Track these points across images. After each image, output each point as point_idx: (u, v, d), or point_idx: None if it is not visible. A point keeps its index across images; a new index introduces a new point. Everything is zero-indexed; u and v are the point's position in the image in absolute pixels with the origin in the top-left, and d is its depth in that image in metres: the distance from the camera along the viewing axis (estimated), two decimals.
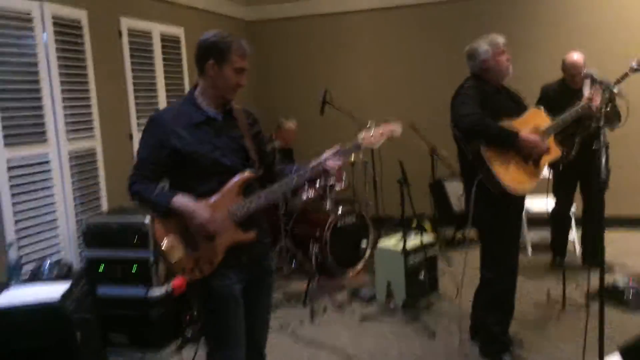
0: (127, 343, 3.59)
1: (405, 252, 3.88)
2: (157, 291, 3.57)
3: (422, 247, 4.03)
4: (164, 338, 3.63)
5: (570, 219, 4.78)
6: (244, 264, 2.26)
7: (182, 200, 2.13)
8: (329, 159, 2.27)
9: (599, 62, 4.45)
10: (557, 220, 4.71)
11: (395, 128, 2.39)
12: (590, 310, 3.77)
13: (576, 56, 4.35)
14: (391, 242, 4.15)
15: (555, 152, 3.22)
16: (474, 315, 3.45)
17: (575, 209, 4.79)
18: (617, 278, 4.11)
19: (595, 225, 4.65)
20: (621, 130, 3.86)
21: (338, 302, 4.21)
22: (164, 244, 2.16)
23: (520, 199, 3.27)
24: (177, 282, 3.71)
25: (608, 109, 2.66)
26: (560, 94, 4.27)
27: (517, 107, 3.18)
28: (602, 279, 2.56)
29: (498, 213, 3.09)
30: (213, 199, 2.19)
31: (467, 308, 3.51)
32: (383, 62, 6.42)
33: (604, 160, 2.40)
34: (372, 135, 2.34)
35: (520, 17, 5.81)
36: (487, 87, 3.13)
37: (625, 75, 3.35)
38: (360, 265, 4.86)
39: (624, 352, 2.84)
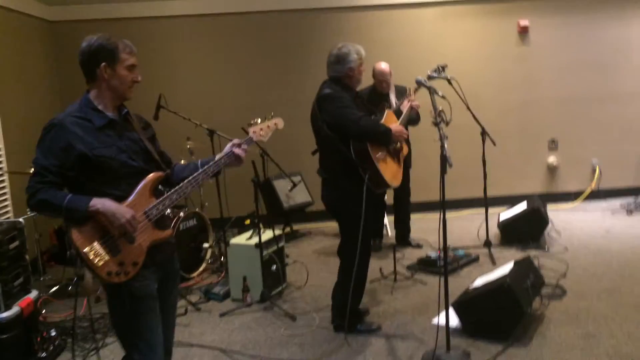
0: None
1: (261, 246, 4.12)
2: (6, 314, 3.25)
3: (275, 240, 4.31)
4: None
5: (385, 205, 5.52)
6: (158, 263, 2.31)
7: (101, 202, 2.10)
8: (238, 151, 2.42)
9: (399, 70, 5.29)
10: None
11: (278, 122, 2.67)
12: (415, 277, 4.53)
13: (383, 65, 5.09)
14: (242, 239, 4.35)
15: (406, 148, 3.79)
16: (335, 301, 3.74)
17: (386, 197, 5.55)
18: (429, 252, 4.93)
19: (405, 211, 5.49)
20: (423, 128, 4.66)
21: (194, 304, 4.26)
22: (89, 251, 2.10)
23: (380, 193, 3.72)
24: (25, 302, 3.42)
25: (436, 110, 3.24)
26: (371, 98, 4.95)
27: (367, 110, 3.63)
28: (445, 257, 3.11)
29: (365, 205, 3.36)
30: (128, 201, 2.20)
31: (315, 292, 3.90)
32: (209, 66, 6.57)
33: (446, 149, 2.95)
34: (261, 129, 2.59)
35: (332, 29, 6.50)
36: (350, 92, 3.51)
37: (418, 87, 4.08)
38: (202, 267, 4.95)
39: (456, 306, 3.51)
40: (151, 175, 2.30)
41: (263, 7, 6.49)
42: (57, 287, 4.64)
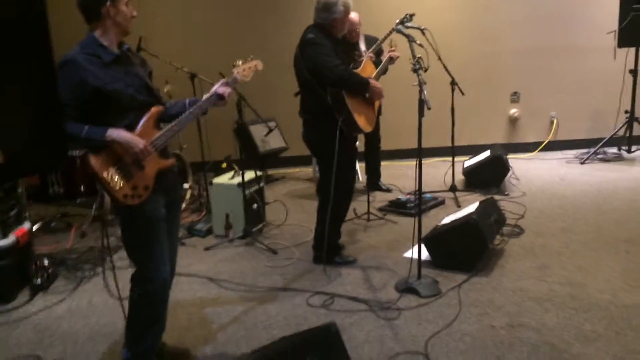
0: None
1: (244, 185, 4.33)
2: (4, 242, 3.39)
3: (256, 180, 4.52)
4: (14, 288, 3.49)
5: (357, 151, 5.75)
6: (165, 188, 2.51)
7: (117, 132, 2.28)
8: (220, 88, 2.61)
9: (369, 20, 5.45)
10: None
11: (258, 64, 2.86)
12: (387, 217, 4.83)
13: (353, 15, 5.19)
14: (225, 179, 4.55)
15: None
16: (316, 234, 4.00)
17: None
18: (399, 195, 5.24)
19: (375, 157, 5.77)
20: (394, 77, 4.88)
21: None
22: (107, 176, 2.28)
23: (356, 136, 3.95)
24: (20, 232, 3.56)
25: (415, 57, 3.45)
26: (342, 47, 5.10)
27: (348, 59, 3.81)
28: (420, 190, 3.38)
29: (343, 148, 3.61)
30: (136, 131, 2.38)
31: (293, 230, 4.16)
32: (189, 10, 6.57)
33: (424, 94, 3.17)
34: (244, 70, 2.78)
35: None
36: (332, 39, 3.67)
37: (390, 32, 4.27)
38: (182, 207, 5.12)
39: (426, 241, 3.82)
40: (154, 108, 2.47)
41: None
42: (42, 222, 4.75)
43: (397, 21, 3.87)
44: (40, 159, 1.37)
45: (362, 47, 5.26)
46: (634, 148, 6.83)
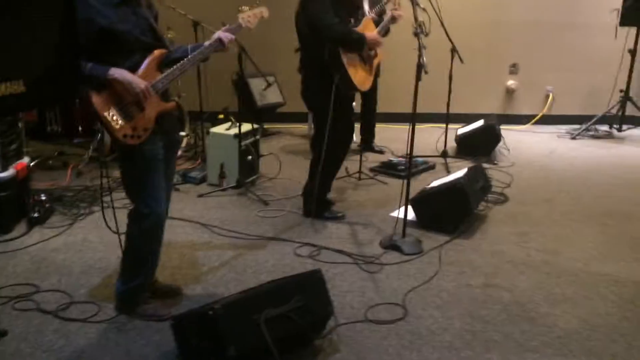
0: None
1: (240, 136, 4.42)
2: (4, 174, 3.49)
3: (252, 132, 4.61)
4: (12, 220, 3.61)
5: (353, 111, 5.82)
6: (164, 130, 2.60)
7: (119, 72, 2.35)
8: (222, 34, 2.68)
9: None
10: None
11: (264, 11, 2.91)
12: (377, 178, 4.94)
13: None
14: (221, 129, 4.63)
15: (380, 55, 4.06)
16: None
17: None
18: (391, 157, 5.36)
19: (370, 118, 5.85)
20: (395, 40, 4.91)
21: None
22: (108, 116, 2.36)
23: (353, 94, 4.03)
24: (19, 166, 3.66)
25: (417, 21, 3.50)
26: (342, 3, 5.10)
27: (350, 13, 3.84)
28: (410, 162, 3.48)
29: (340, 104, 3.71)
30: (139, 73, 2.45)
31: (285, 183, 4.27)
32: None
33: (423, 58, 3.24)
34: (249, 16, 2.82)
35: None
36: None
37: None
38: (179, 152, 5.22)
39: (413, 202, 3.95)
40: (157, 51, 2.53)
41: None
42: (39, 159, 4.83)
43: None
44: (59, 88, 1.45)
45: (366, 6, 5.25)
46: (625, 127, 6.94)
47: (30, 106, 2.54)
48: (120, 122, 2.40)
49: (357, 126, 5.92)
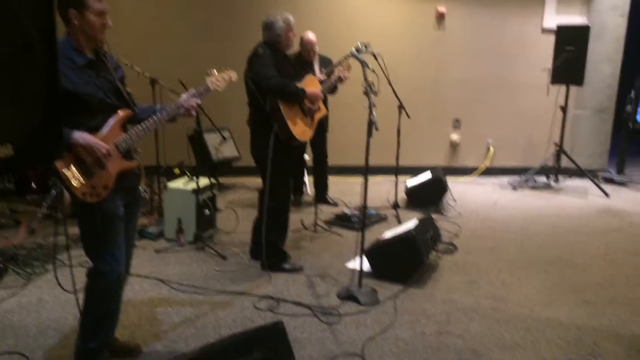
0: None
1: (198, 191, 4.49)
2: None
3: (210, 187, 4.69)
4: None
5: (305, 164, 6.03)
6: (125, 189, 2.67)
7: (81, 136, 2.43)
8: (189, 99, 2.80)
9: (326, 42, 5.74)
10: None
11: (233, 74, 3.07)
12: (332, 230, 5.09)
13: (311, 35, 5.53)
14: (179, 184, 4.69)
15: (323, 110, 4.29)
16: (254, 239, 4.28)
17: (308, 157, 6.06)
18: (344, 209, 5.53)
19: (322, 171, 6.04)
20: (345, 97, 5.19)
21: None
22: (67, 173, 2.41)
23: (300, 145, 4.24)
24: None
25: (367, 81, 3.75)
26: (297, 64, 5.39)
27: (296, 73, 4.12)
28: (365, 203, 3.66)
29: (283, 155, 3.96)
30: (103, 133, 2.53)
31: (242, 238, 4.35)
32: (151, 17, 6.65)
33: (374, 115, 3.47)
34: (217, 79, 2.97)
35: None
36: (277, 54, 3.98)
37: (347, 57, 4.62)
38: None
39: (367, 253, 4.09)
40: (122, 111, 2.63)
41: None
42: None
43: (353, 48, 4.17)
44: (45, 149, 1.53)
45: (316, 68, 5.55)
46: (560, 178, 7.40)
47: (16, 169, 2.56)
48: (80, 179, 2.45)
49: (310, 180, 6.14)
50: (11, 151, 1.42)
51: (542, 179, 7.43)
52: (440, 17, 7.40)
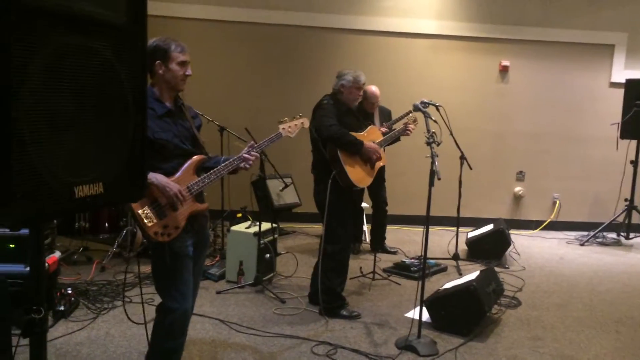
0: None
1: (260, 235, 4.61)
2: None
3: (271, 231, 4.80)
4: None
5: (363, 212, 6.05)
6: (195, 230, 2.79)
7: (155, 176, 2.59)
8: (249, 151, 2.94)
9: (388, 93, 5.86)
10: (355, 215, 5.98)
11: (305, 121, 3.22)
12: (391, 278, 5.05)
13: (374, 88, 5.65)
14: (242, 227, 4.83)
15: (384, 159, 4.36)
16: (313, 284, 4.31)
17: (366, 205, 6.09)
18: (403, 258, 5.49)
19: (381, 219, 6.04)
20: (408, 147, 5.24)
21: None
22: (141, 213, 2.57)
23: (359, 192, 4.31)
24: (51, 260, 3.83)
25: (430, 132, 3.81)
26: (359, 115, 5.50)
27: (359, 124, 4.24)
28: (425, 254, 3.65)
29: (342, 200, 4.05)
30: (177, 176, 2.69)
31: (301, 282, 4.39)
32: (219, 70, 7.04)
33: (436, 165, 3.51)
34: (289, 126, 3.12)
35: (331, 48, 7.09)
36: (341, 106, 4.12)
37: (408, 112, 4.72)
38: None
39: (427, 303, 4.04)
40: (196, 157, 2.79)
41: (270, 20, 7.02)
42: (65, 254, 5.00)
43: (418, 103, 4.22)
44: (129, 190, 1.67)
45: (376, 118, 5.64)
46: (632, 235, 7.08)
47: (104, 206, 2.76)
48: (153, 219, 2.59)
49: (368, 228, 6.15)
50: (101, 188, 1.55)
51: (612, 235, 7.13)
52: (504, 69, 7.41)
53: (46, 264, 3.73)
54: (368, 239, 6.29)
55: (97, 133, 1.56)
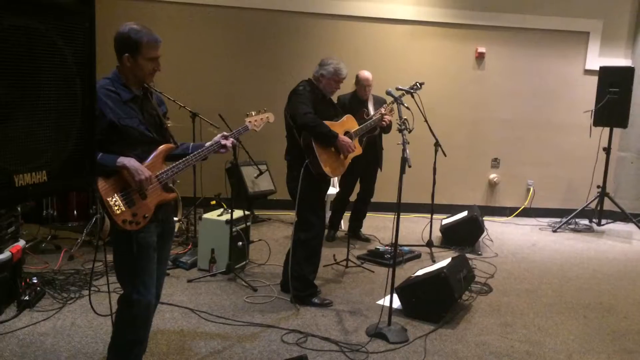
0: None
1: (232, 222, 4.55)
2: (0, 256, 3.56)
3: (243, 219, 4.75)
4: (2, 303, 3.64)
5: (349, 202, 6.01)
6: (160, 219, 2.74)
7: (127, 160, 2.52)
8: (223, 139, 2.89)
9: (381, 80, 5.80)
10: (337, 203, 5.94)
11: (270, 116, 3.18)
12: (364, 266, 5.05)
13: (367, 73, 5.58)
14: (214, 215, 4.77)
15: (358, 149, 4.32)
16: (285, 272, 4.27)
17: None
18: (377, 245, 5.49)
19: (363, 209, 6.01)
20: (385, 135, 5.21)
21: None
22: (111, 201, 2.50)
23: (329, 180, 4.28)
24: (15, 249, 3.74)
25: (401, 119, 3.79)
26: (352, 103, 5.46)
27: (334, 113, 4.19)
28: (396, 242, 3.64)
29: (314, 188, 4.04)
30: (145, 164, 2.62)
31: (273, 270, 4.38)
32: (194, 54, 6.91)
33: (407, 152, 3.48)
34: (256, 120, 3.08)
35: (309, 33, 7.00)
36: (317, 93, 4.06)
37: (401, 95, 4.65)
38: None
39: (398, 290, 4.04)
40: (165, 145, 2.73)
41: (245, 3, 6.90)
42: (33, 242, 4.90)
43: (391, 89, 4.17)
44: (78, 178, 1.61)
45: (371, 106, 5.56)
46: (603, 221, 7.18)
47: (48, 195, 2.69)
48: (122, 207, 2.54)
49: (346, 214, 6.13)
50: (45, 177, 1.49)
51: (584, 221, 7.21)
52: (480, 56, 7.40)
53: (9, 253, 3.64)
54: (343, 226, 6.27)
55: (42, 119, 1.50)
